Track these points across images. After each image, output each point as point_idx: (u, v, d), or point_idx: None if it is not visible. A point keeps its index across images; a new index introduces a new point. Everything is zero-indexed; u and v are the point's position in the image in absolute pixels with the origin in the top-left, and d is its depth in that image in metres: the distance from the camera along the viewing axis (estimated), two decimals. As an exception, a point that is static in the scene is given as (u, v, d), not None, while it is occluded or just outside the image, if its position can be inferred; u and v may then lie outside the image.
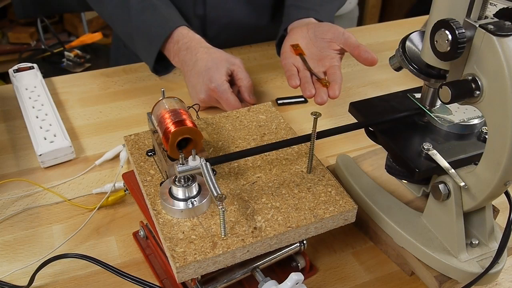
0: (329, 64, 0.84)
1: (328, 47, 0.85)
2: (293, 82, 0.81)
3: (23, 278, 0.60)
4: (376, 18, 2.79)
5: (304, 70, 0.83)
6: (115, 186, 0.71)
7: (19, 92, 0.90)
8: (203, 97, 0.86)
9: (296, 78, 0.82)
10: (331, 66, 0.83)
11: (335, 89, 0.79)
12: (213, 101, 0.86)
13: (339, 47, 0.85)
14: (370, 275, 0.62)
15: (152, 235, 0.60)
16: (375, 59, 0.81)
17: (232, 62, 0.88)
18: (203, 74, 0.85)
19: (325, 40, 0.86)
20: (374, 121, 0.61)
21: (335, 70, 0.82)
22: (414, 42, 0.58)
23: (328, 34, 0.86)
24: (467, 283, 0.55)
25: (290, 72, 0.83)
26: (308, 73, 0.83)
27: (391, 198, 0.64)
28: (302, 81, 0.82)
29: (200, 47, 0.89)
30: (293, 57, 0.86)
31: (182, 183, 0.53)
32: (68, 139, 0.78)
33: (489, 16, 0.48)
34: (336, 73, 0.82)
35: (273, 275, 0.56)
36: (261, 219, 0.52)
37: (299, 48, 0.87)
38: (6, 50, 2.33)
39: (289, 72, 0.84)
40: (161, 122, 0.56)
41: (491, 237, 0.59)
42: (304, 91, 0.80)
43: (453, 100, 0.48)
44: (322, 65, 0.85)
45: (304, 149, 0.62)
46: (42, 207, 0.70)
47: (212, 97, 0.85)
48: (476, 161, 0.54)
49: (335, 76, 0.81)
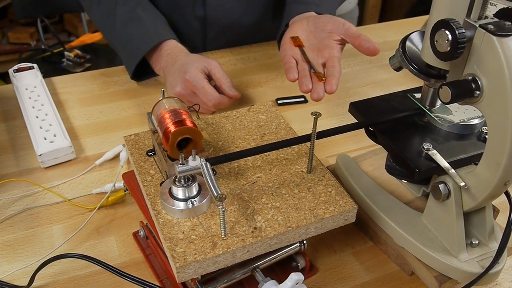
0: (328, 55, 0.82)
1: (328, 37, 0.84)
2: (290, 75, 0.80)
3: (23, 278, 0.60)
4: (376, 18, 2.79)
5: (302, 63, 0.82)
6: (115, 186, 0.71)
7: (19, 92, 0.90)
8: (179, 89, 0.85)
9: (294, 71, 0.81)
10: (331, 57, 0.81)
11: (332, 84, 0.77)
12: (189, 93, 0.85)
13: (340, 38, 0.83)
14: (370, 275, 0.62)
15: (152, 235, 0.60)
16: (377, 48, 0.79)
17: (208, 62, 0.87)
18: (179, 70, 0.85)
19: (325, 31, 0.85)
20: (374, 121, 0.61)
21: (334, 62, 0.80)
22: (414, 42, 0.58)
23: (328, 25, 0.85)
24: (467, 283, 0.55)
25: (289, 64, 0.82)
26: (306, 65, 0.82)
27: (391, 198, 0.64)
28: (300, 75, 0.80)
29: (180, 52, 0.90)
30: (292, 49, 0.85)
31: (182, 183, 0.53)
32: (68, 139, 0.78)
33: (489, 16, 0.48)
34: (335, 66, 0.80)
35: (273, 275, 0.56)
36: (261, 219, 0.52)
37: (299, 40, 0.86)
38: (6, 50, 2.33)
39: (287, 65, 0.82)
40: (161, 122, 0.56)
41: (491, 237, 0.59)
42: (301, 86, 0.79)
43: (453, 100, 0.48)
44: (321, 56, 0.83)
45: (304, 149, 0.62)
46: (42, 207, 0.70)
47: (188, 89, 0.84)
48: (476, 161, 0.54)
49: (333, 70, 0.79)
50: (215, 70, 0.86)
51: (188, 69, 0.84)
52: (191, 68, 0.84)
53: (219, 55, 1.08)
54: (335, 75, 0.79)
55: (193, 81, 0.83)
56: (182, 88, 0.85)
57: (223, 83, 0.85)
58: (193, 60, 0.86)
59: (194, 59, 0.87)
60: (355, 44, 0.81)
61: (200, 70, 0.84)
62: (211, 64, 0.87)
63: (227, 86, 0.85)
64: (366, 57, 1.09)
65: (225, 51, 1.09)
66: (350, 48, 0.84)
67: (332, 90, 0.77)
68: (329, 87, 0.77)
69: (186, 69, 0.84)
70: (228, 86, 0.86)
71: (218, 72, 0.86)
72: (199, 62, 0.86)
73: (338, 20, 0.84)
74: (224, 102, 0.85)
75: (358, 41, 0.80)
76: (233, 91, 0.86)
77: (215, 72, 0.86)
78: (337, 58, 0.82)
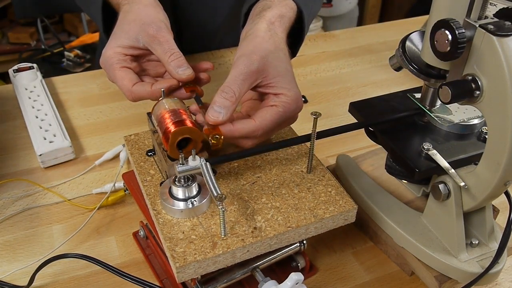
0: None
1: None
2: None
3: (23, 278, 0.60)
4: (376, 18, 2.79)
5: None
6: (115, 186, 0.71)
7: (19, 92, 0.90)
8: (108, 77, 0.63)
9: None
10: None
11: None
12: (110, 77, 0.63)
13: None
14: (370, 275, 0.62)
15: (152, 235, 0.60)
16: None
17: (145, 30, 0.60)
18: (110, 38, 0.63)
19: None
20: (374, 121, 0.61)
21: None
22: (414, 42, 0.58)
23: None
24: (467, 283, 0.55)
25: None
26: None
27: (391, 198, 0.64)
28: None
29: (134, 3, 0.63)
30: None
31: (182, 183, 0.53)
32: (68, 139, 0.78)
33: (489, 16, 0.48)
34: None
35: (273, 275, 0.56)
36: (261, 219, 0.52)
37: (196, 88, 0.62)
38: (6, 50, 2.33)
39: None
40: (161, 122, 0.56)
41: (491, 237, 0.59)
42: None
43: (453, 100, 0.48)
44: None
45: (304, 149, 0.62)
46: (42, 207, 0.70)
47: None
48: (476, 161, 0.54)
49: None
50: (153, 42, 0.59)
51: (107, 46, 0.61)
52: (110, 44, 0.61)
53: (219, 55, 1.08)
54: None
55: (104, 67, 0.61)
56: (103, 68, 0.62)
57: (166, 62, 0.59)
58: (124, 27, 0.61)
59: (128, 22, 0.61)
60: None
61: (121, 47, 0.60)
62: (148, 31, 0.59)
63: (172, 66, 0.59)
64: (366, 57, 1.09)
65: (225, 51, 1.09)
66: (350, 48, 0.84)
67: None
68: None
69: (107, 45, 0.61)
70: (174, 65, 0.59)
71: (157, 46, 0.59)
72: (131, 31, 0.60)
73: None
74: (152, 94, 0.59)
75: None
76: (181, 72, 0.59)
77: (153, 46, 0.60)
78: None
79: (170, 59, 0.58)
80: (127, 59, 0.61)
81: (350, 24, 2.53)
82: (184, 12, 1.01)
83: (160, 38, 0.59)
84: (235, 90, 0.54)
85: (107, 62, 0.61)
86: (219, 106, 0.53)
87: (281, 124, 0.58)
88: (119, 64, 0.60)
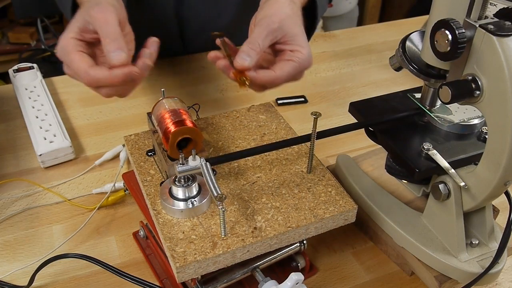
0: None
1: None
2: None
3: (23, 278, 0.60)
4: (376, 18, 2.78)
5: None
6: (115, 186, 0.71)
7: (19, 92, 0.90)
8: (65, 69, 0.63)
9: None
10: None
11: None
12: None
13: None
14: (370, 275, 0.62)
15: (152, 235, 0.60)
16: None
17: (90, 12, 0.58)
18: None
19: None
20: (374, 121, 0.61)
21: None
22: (414, 42, 0.58)
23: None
24: (467, 283, 0.55)
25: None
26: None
27: (391, 198, 0.64)
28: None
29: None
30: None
31: (182, 183, 0.53)
32: (68, 139, 0.78)
33: (489, 16, 0.48)
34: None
35: (273, 275, 0.56)
36: (261, 219, 0.52)
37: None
38: (6, 50, 2.32)
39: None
40: (161, 122, 0.56)
41: (491, 237, 0.59)
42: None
43: (453, 100, 0.48)
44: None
45: (304, 149, 0.62)
46: (42, 207, 0.70)
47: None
48: (476, 161, 0.54)
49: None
50: (94, 22, 0.58)
51: (62, 37, 0.60)
52: (64, 34, 0.59)
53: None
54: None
55: (61, 57, 0.60)
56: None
57: (103, 44, 0.57)
58: (80, 13, 0.61)
59: (84, 9, 0.61)
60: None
61: (73, 32, 0.59)
62: (91, 12, 0.58)
63: (107, 49, 0.56)
64: (366, 57, 1.09)
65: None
66: (350, 48, 0.84)
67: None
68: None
69: (62, 35, 0.60)
70: (108, 48, 0.56)
71: (98, 28, 0.58)
72: (81, 15, 0.60)
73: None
74: (111, 78, 0.57)
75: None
76: (113, 56, 0.56)
77: (96, 27, 0.58)
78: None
79: (106, 42, 0.57)
80: (82, 44, 0.60)
81: (350, 24, 2.53)
82: (188, 13, 1.02)
83: (100, 19, 0.58)
84: (260, 42, 0.63)
85: (63, 50, 0.59)
86: (246, 54, 0.61)
87: (295, 76, 0.66)
88: (75, 48, 0.59)
